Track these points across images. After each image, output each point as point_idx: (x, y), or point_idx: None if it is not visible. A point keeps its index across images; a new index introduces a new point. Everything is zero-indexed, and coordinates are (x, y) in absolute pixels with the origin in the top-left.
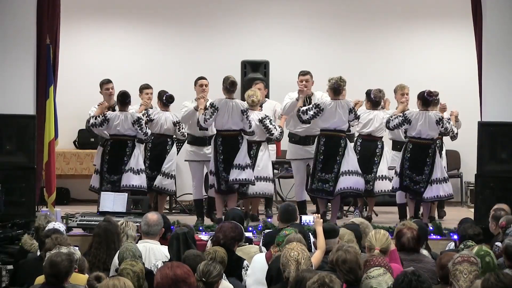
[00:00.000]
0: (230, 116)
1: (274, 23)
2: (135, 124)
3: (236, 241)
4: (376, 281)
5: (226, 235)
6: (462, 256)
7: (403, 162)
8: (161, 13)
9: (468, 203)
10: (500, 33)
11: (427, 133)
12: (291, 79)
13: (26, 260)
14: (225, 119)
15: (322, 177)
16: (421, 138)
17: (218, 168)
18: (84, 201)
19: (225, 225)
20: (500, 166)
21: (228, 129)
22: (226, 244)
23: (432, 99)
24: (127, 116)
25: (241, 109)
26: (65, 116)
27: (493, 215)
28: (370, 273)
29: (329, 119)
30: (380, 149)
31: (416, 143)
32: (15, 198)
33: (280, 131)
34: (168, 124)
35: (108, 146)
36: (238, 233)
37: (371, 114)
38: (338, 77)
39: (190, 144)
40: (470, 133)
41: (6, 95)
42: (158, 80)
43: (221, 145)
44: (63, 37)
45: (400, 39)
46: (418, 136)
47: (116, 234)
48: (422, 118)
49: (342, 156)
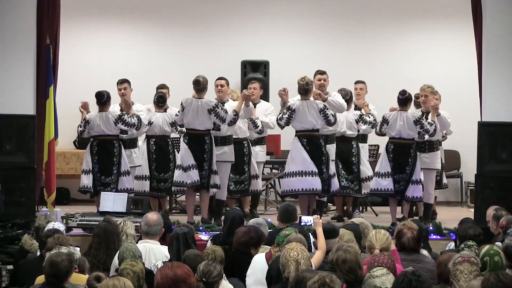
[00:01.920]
0: (196, 116)
1: (274, 23)
2: (118, 122)
3: (250, 245)
4: (379, 280)
5: (237, 240)
6: (462, 256)
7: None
8: (161, 13)
9: (468, 203)
10: (500, 33)
11: (407, 132)
12: (291, 79)
13: (26, 260)
14: (191, 118)
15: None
16: (401, 138)
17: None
18: (84, 201)
19: (240, 229)
20: (500, 166)
21: (193, 128)
22: (239, 248)
23: (404, 97)
24: (107, 116)
25: (208, 109)
26: (65, 116)
27: (494, 214)
28: (374, 272)
29: (302, 120)
30: (356, 149)
31: (397, 143)
32: (15, 198)
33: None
34: (166, 124)
35: (95, 147)
36: (250, 238)
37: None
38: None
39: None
40: (470, 133)
41: (6, 95)
42: (158, 80)
43: (188, 143)
44: (63, 37)
45: (400, 39)
46: (399, 136)
47: (116, 234)
48: (400, 119)
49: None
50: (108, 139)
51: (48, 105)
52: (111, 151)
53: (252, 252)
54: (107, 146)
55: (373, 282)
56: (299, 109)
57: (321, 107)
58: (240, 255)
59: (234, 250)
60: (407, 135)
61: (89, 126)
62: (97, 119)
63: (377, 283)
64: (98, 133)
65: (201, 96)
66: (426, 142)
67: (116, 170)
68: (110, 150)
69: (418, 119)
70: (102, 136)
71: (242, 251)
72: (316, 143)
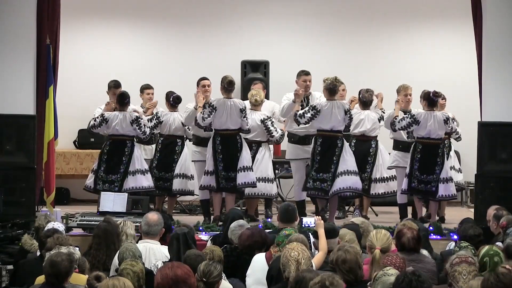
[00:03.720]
0: (229, 116)
1: (274, 23)
2: (134, 123)
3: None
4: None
5: (242, 243)
6: (459, 257)
7: (412, 163)
8: (161, 13)
9: (468, 203)
10: (500, 34)
11: (437, 133)
12: (291, 79)
13: (26, 260)
14: (224, 118)
15: (319, 176)
16: (430, 138)
17: (217, 167)
18: (84, 201)
19: (244, 232)
20: (500, 166)
21: (226, 129)
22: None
23: (437, 99)
24: (125, 116)
25: (240, 108)
26: (65, 116)
27: (494, 214)
28: (388, 271)
29: (326, 120)
30: (374, 149)
31: (426, 143)
32: (15, 198)
33: (281, 134)
34: (177, 124)
35: (107, 146)
36: (254, 241)
37: (362, 114)
38: (334, 77)
39: (196, 145)
40: (470, 133)
41: (6, 95)
42: (158, 80)
43: (220, 145)
44: (63, 37)
45: (400, 39)
46: (428, 136)
47: (115, 234)
48: (431, 119)
49: (339, 156)
50: (121, 139)
51: (48, 105)
52: (121, 150)
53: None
54: (119, 145)
55: (388, 280)
56: (324, 109)
57: (348, 108)
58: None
59: (239, 251)
60: (436, 135)
61: (106, 125)
62: (116, 118)
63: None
64: (114, 132)
65: (230, 96)
66: None
67: (123, 169)
68: (121, 150)
69: (448, 117)
70: (116, 136)
71: (247, 253)
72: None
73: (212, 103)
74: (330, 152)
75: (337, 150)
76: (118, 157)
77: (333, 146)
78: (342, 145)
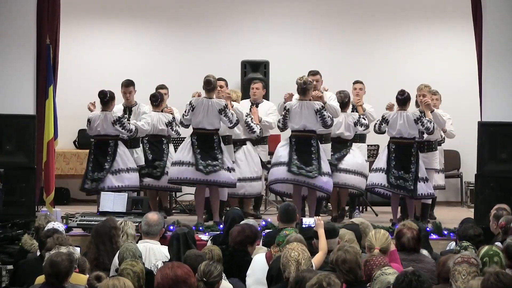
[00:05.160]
0: (205, 115)
1: (274, 23)
2: (116, 123)
3: (247, 243)
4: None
5: (233, 239)
6: (462, 257)
7: (389, 161)
8: (161, 13)
9: (468, 203)
10: (500, 34)
11: (408, 132)
12: (291, 79)
13: (26, 260)
14: (200, 118)
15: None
16: (402, 137)
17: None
18: (84, 201)
19: (234, 229)
20: (500, 166)
21: (202, 128)
22: (235, 247)
23: (403, 97)
24: (106, 116)
25: (218, 108)
26: (65, 116)
27: (494, 214)
28: (386, 270)
29: (296, 120)
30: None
31: (398, 143)
32: (15, 198)
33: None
34: (161, 124)
35: (92, 146)
36: (246, 236)
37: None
38: (306, 78)
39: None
40: (470, 133)
41: (6, 95)
42: (158, 80)
43: (196, 142)
44: (63, 37)
45: (400, 39)
46: (399, 135)
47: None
48: (401, 118)
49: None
50: (104, 139)
51: (48, 105)
52: (105, 150)
53: (249, 249)
54: (102, 145)
55: (386, 279)
56: (293, 109)
57: (318, 108)
58: (238, 253)
59: (231, 249)
60: (408, 134)
61: (89, 126)
62: (97, 118)
63: (390, 280)
64: (96, 133)
65: (210, 96)
66: (425, 142)
67: (108, 166)
68: (104, 149)
69: (419, 117)
70: (100, 136)
71: (240, 249)
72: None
73: (192, 102)
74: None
75: (313, 149)
76: (102, 156)
77: (308, 145)
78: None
